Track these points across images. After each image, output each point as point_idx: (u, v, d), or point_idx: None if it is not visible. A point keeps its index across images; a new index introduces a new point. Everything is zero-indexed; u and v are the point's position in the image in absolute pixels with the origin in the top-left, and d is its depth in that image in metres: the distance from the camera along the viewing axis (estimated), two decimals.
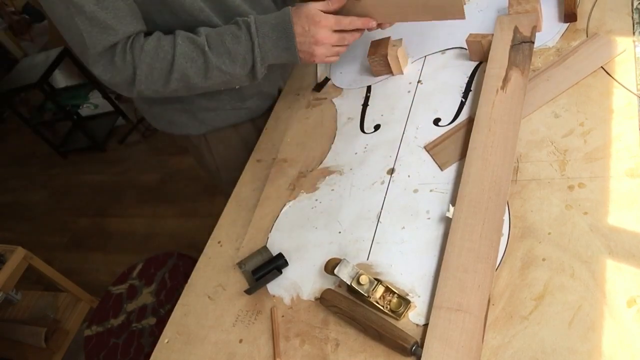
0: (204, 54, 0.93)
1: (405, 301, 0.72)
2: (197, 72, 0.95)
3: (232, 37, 0.94)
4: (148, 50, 0.93)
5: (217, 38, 0.94)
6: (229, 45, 0.94)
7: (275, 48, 0.95)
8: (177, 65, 0.93)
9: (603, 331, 0.59)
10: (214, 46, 0.94)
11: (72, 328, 2.14)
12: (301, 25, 0.93)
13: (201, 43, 0.93)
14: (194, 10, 0.96)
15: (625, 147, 0.72)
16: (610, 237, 0.66)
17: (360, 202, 0.89)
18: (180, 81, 0.95)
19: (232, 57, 0.94)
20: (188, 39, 0.94)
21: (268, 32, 0.94)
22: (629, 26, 0.86)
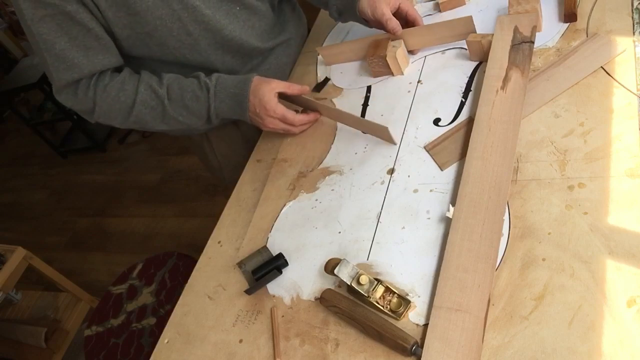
0: (163, 105, 1.01)
1: (405, 301, 0.72)
2: (155, 118, 1.03)
3: (192, 94, 1.01)
4: (110, 92, 0.99)
5: (178, 92, 1.01)
6: (188, 102, 1.01)
7: (229, 112, 1.04)
8: (135, 111, 1.01)
9: (603, 331, 0.59)
10: (173, 99, 1.01)
11: (72, 328, 2.14)
12: (254, 105, 1.00)
13: (162, 95, 1.00)
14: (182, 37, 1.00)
15: (625, 147, 0.72)
16: (610, 237, 0.66)
17: (360, 202, 0.89)
18: (137, 123, 1.04)
19: (189, 111, 1.03)
20: (150, 88, 1.00)
21: (225, 99, 1.02)
22: (629, 26, 0.86)
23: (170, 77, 1.02)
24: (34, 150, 3.68)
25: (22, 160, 3.72)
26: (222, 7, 1.02)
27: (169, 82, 1.01)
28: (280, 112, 0.99)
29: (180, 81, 1.02)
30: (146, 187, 2.88)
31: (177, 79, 1.02)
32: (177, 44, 1.00)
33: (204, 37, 1.02)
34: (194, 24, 0.99)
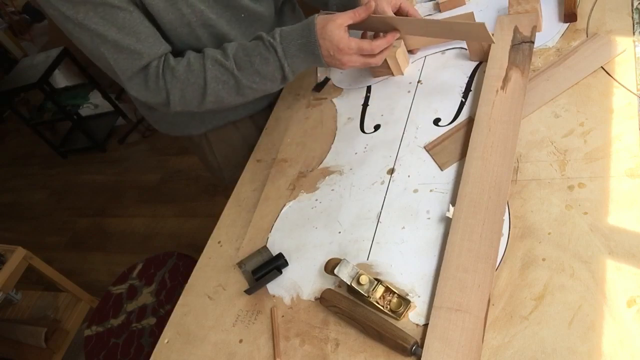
0: (234, 76, 0.96)
1: (405, 301, 0.72)
2: (230, 92, 0.98)
3: (260, 58, 0.96)
4: (179, 76, 0.95)
5: (246, 59, 0.96)
6: (258, 66, 0.96)
7: (303, 64, 0.98)
8: (209, 89, 0.97)
9: (603, 331, 0.59)
10: (243, 68, 0.96)
11: (72, 328, 2.14)
12: (326, 48, 0.93)
13: (230, 67, 0.96)
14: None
15: (625, 147, 0.72)
16: (610, 237, 0.66)
17: (360, 202, 0.89)
18: (215, 102, 0.99)
19: (262, 76, 0.97)
20: (217, 62, 0.96)
21: (296, 53, 0.95)
22: (629, 26, 0.86)
23: (233, 46, 0.98)
24: (34, 150, 3.68)
25: (22, 160, 3.72)
26: (225, 13, 1.01)
27: (234, 51, 0.97)
28: (355, 45, 0.93)
29: (245, 48, 0.97)
30: (146, 187, 2.88)
31: (240, 47, 0.98)
32: (186, 48, 0.99)
33: (210, 42, 1.01)
34: (201, 28, 0.98)
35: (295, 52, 0.95)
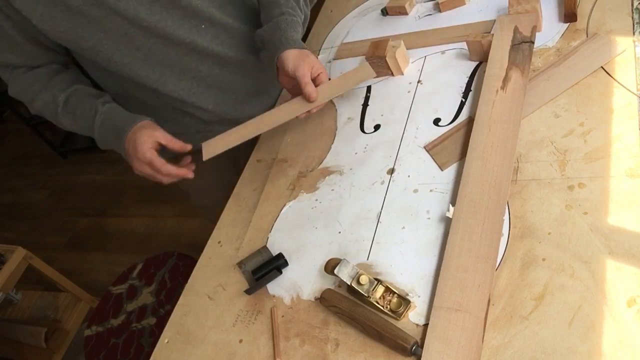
0: (56, 110, 1.02)
1: (405, 301, 0.72)
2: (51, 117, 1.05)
3: (82, 112, 1.01)
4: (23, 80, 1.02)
5: (74, 105, 1.01)
6: (78, 117, 1.02)
7: (110, 142, 1.02)
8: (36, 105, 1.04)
9: (603, 331, 0.59)
10: (67, 109, 1.02)
11: (72, 328, 2.14)
12: (129, 144, 0.97)
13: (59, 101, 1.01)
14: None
15: (625, 147, 0.72)
16: (610, 237, 0.66)
17: (360, 202, 0.89)
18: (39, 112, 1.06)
19: (78, 125, 1.03)
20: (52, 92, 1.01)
21: (108, 128, 1.00)
22: (629, 26, 0.86)
23: (79, 89, 1.02)
24: (34, 150, 3.67)
25: (22, 160, 3.72)
26: (184, 24, 0.96)
27: (73, 92, 1.02)
28: (148, 157, 0.94)
29: (82, 96, 1.02)
30: (146, 187, 2.88)
31: (81, 93, 1.02)
32: (127, 59, 0.97)
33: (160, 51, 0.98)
34: (142, 38, 0.94)
35: (108, 128, 0.99)
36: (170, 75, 1.01)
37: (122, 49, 0.95)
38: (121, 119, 0.99)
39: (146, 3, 0.90)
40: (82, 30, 0.91)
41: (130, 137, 0.96)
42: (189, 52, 0.99)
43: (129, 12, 0.90)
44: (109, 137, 1.00)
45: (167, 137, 0.97)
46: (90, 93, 1.03)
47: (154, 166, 0.95)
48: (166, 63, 0.99)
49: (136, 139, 0.95)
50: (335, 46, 1.24)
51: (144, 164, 0.96)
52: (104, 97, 1.03)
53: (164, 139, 0.96)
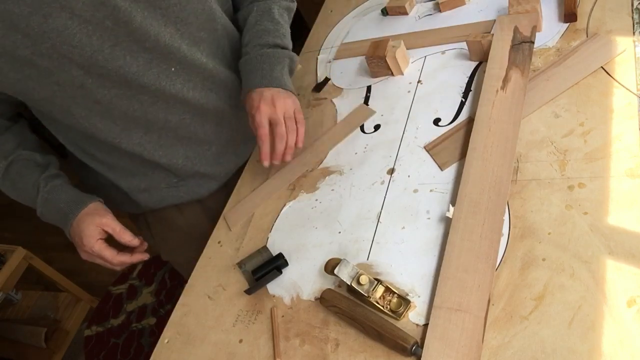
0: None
1: (405, 301, 0.72)
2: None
3: (24, 185, 0.92)
4: None
5: (15, 175, 0.93)
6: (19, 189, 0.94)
7: (54, 222, 0.95)
8: None
9: (603, 331, 0.59)
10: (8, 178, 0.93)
11: (72, 328, 2.14)
12: (75, 231, 0.90)
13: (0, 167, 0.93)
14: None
15: (625, 147, 0.72)
16: (610, 237, 0.66)
17: (360, 202, 0.89)
18: None
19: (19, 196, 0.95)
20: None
21: (51, 210, 0.92)
22: (629, 26, 0.86)
23: (22, 156, 0.93)
24: None
25: None
26: (151, 68, 0.84)
27: (15, 158, 0.93)
28: (97, 250, 0.88)
29: (24, 165, 0.93)
30: None
31: (24, 162, 0.93)
32: (85, 112, 0.86)
33: (122, 103, 0.86)
34: (102, 89, 0.83)
35: (51, 209, 0.92)
36: (134, 128, 0.91)
37: (80, 102, 0.84)
38: (65, 201, 0.91)
39: (106, 48, 0.78)
40: (33, 82, 0.79)
41: (76, 225, 0.89)
42: (156, 102, 0.88)
43: (84, 60, 0.77)
44: (53, 218, 0.93)
45: (116, 227, 0.89)
46: (35, 162, 0.94)
47: (104, 259, 0.89)
48: (130, 115, 0.88)
49: (82, 229, 0.88)
50: (335, 46, 1.25)
51: (92, 256, 0.90)
52: (48, 170, 0.93)
53: (112, 229, 0.89)
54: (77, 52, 0.76)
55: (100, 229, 0.89)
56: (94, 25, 0.75)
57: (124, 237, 0.90)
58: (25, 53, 0.74)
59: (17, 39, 0.72)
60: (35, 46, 0.74)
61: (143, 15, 0.79)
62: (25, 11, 0.70)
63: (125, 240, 0.90)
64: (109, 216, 0.90)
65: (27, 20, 0.71)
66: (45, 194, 0.91)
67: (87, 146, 0.97)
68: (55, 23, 0.72)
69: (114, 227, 0.89)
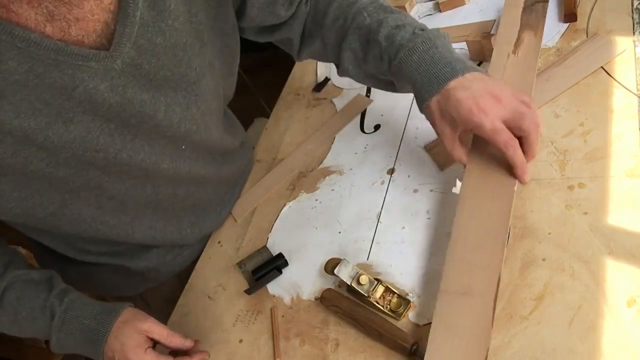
0: None
1: (405, 301, 0.72)
2: None
3: (29, 313, 0.74)
4: None
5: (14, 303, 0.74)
6: (22, 321, 0.75)
7: (77, 348, 0.76)
8: None
9: (603, 331, 0.59)
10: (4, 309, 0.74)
11: None
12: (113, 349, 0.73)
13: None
14: None
15: (625, 147, 0.72)
16: (610, 237, 0.66)
17: (360, 202, 0.89)
18: None
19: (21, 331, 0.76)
20: None
21: (74, 332, 0.74)
22: (629, 26, 0.86)
23: (17, 277, 0.76)
24: None
25: None
26: (166, 152, 0.77)
27: (10, 283, 0.75)
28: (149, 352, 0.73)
29: (22, 288, 0.75)
30: None
31: (22, 283, 0.76)
32: (97, 212, 0.77)
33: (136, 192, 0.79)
34: (118, 184, 0.75)
35: (73, 331, 0.74)
36: (144, 212, 0.83)
37: (92, 204, 0.75)
38: (92, 315, 0.75)
39: (128, 143, 0.71)
40: (40, 198, 0.69)
41: (113, 340, 0.73)
42: (169, 181, 0.82)
43: (107, 162, 0.70)
44: (75, 342, 0.75)
45: (162, 331, 0.75)
46: (34, 281, 0.77)
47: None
48: (142, 201, 0.81)
49: (124, 342, 0.72)
50: None
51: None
52: (55, 286, 0.77)
53: (159, 334, 0.75)
54: (100, 155, 0.68)
55: (145, 337, 0.74)
56: (116, 123, 0.67)
57: (174, 341, 0.76)
58: (39, 167, 0.64)
59: (31, 153, 0.62)
60: (52, 157, 0.64)
61: (167, 103, 0.72)
62: (42, 123, 0.61)
63: (176, 344, 0.76)
64: (150, 320, 0.76)
65: (45, 132, 0.61)
66: (62, 313, 0.74)
67: (86, 244, 0.88)
68: (77, 130, 0.64)
69: (160, 332, 0.75)
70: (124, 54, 0.63)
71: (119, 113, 0.67)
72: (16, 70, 0.56)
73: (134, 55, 0.64)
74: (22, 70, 0.57)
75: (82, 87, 0.61)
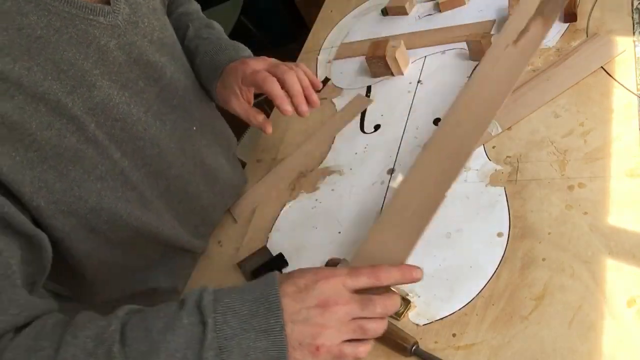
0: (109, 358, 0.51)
1: (405, 301, 0.72)
2: None
3: (164, 321, 0.53)
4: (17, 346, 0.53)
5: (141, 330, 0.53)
6: (157, 335, 0.52)
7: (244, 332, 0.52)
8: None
9: (603, 331, 0.59)
10: (131, 340, 0.52)
11: None
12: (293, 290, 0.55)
13: (108, 337, 0.52)
14: None
15: (625, 147, 0.72)
16: (610, 237, 0.66)
17: (360, 202, 0.89)
18: None
19: (162, 357, 0.51)
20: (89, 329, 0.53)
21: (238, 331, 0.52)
22: (629, 26, 0.86)
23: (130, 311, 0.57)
24: None
25: None
26: (176, 130, 0.80)
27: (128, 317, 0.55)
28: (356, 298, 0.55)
29: (144, 314, 0.56)
30: None
31: (138, 311, 0.57)
32: (127, 205, 0.74)
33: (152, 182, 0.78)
34: (135, 171, 0.74)
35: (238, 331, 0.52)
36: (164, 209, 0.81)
37: (120, 196, 0.73)
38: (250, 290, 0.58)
39: (142, 116, 0.73)
40: (79, 189, 0.66)
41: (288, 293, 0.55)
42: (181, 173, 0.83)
43: (124, 135, 0.71)
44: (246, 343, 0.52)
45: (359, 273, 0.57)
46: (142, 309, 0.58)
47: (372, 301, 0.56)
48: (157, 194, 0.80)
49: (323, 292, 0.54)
50: (335, 46, 1.25)
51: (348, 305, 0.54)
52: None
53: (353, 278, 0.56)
54: (119, 126, 0.69)
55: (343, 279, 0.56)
56: (130, 91, 0.70)
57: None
58: (71, 142, 0.63)
59: (62, 125, 0.62)
60: (81, 131, 0.64)
61: (171, 70, 0.77)
62: (68, 86, 0.62)
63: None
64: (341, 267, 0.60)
65: (72, 96, 0.62)
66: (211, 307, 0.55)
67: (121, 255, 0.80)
68: (99, 96, 0.65)
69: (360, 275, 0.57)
70: (121, 10, 0.68)
71: (128, 75, 0.70)
72: (37, 25, 0.58)
73: (129, 12, 0.69)
74: (43, 25, 0.58)
75: (95, 44, 0.64)
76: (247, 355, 0.52)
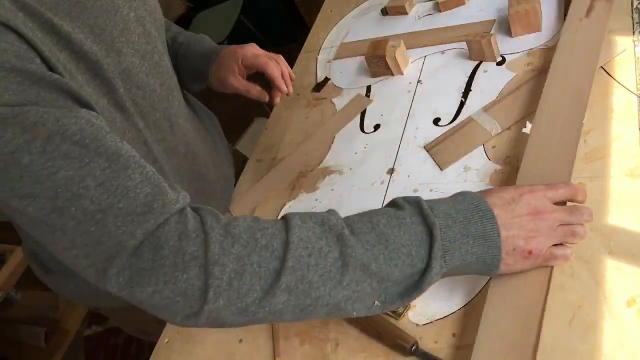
0: (342, 241, 0.53)
1: None
2: (327, 272, 0.53)
3: (387, 218, 0.56)
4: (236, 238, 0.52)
5: (366, 221, 0.56)
6: (384, 228, 0.55)
7: (464, 237, 0.56)
8: (290, 261, 0.52)
9: (603, 331, 0.59)
10: (358, 230, 0.55)
11: (72, 328, 2.14)
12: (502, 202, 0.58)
13: (335, 224, 0.55)
14: None
15: (625, 147, 0.72)
16: (610, 237, 0.66)
17: (360, 202, 0.89)
18: (291, 293, 0.52)
19: (390, 249, 0.54)
20: (311, 219, 0.56)
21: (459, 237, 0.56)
22: (629, 26, 0.86)
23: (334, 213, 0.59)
24: None
25: None
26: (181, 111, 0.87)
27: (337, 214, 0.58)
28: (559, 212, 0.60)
29: (355, 215, 0.59)
30: None
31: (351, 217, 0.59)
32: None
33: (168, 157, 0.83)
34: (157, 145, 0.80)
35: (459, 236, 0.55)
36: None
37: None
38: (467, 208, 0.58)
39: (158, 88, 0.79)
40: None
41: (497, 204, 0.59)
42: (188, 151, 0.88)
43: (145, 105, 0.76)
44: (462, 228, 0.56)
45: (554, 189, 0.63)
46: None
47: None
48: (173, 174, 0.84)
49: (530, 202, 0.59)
50: (335, 46, 1.25)
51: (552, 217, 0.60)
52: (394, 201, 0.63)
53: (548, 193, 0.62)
54: (140, 94, 0.74)
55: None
56: (148, 63, 0.75)
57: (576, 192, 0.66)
58: (104, 103, 0.66)
59: (97, 85, 0.66)
60: (112, 94, 0.68)
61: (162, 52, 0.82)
62: (103, 50, 0.66)
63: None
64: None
65: (106, 60, 0.66)
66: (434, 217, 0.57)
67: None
68: (125, 63, 0.70)
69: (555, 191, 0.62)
70: None
71: (145, 47, 0.75)
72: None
73: None
74: None
75: (119, 14, 0.69)
76: (464, 260, 0.56)
